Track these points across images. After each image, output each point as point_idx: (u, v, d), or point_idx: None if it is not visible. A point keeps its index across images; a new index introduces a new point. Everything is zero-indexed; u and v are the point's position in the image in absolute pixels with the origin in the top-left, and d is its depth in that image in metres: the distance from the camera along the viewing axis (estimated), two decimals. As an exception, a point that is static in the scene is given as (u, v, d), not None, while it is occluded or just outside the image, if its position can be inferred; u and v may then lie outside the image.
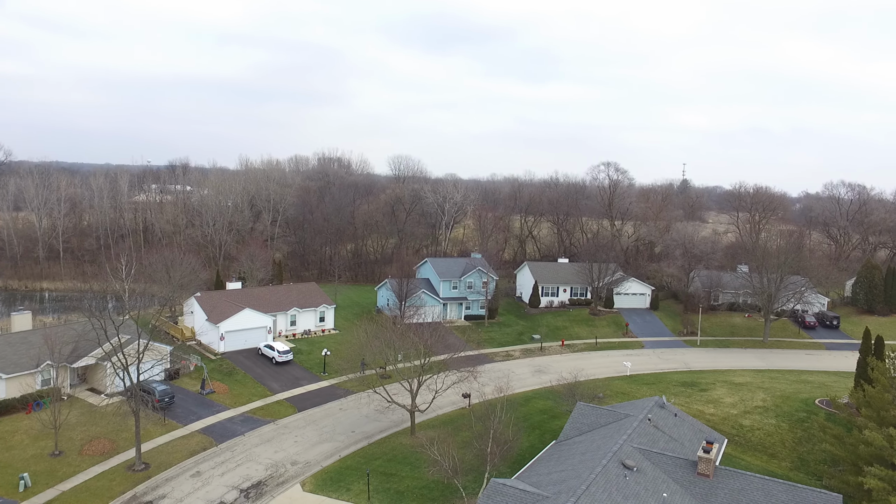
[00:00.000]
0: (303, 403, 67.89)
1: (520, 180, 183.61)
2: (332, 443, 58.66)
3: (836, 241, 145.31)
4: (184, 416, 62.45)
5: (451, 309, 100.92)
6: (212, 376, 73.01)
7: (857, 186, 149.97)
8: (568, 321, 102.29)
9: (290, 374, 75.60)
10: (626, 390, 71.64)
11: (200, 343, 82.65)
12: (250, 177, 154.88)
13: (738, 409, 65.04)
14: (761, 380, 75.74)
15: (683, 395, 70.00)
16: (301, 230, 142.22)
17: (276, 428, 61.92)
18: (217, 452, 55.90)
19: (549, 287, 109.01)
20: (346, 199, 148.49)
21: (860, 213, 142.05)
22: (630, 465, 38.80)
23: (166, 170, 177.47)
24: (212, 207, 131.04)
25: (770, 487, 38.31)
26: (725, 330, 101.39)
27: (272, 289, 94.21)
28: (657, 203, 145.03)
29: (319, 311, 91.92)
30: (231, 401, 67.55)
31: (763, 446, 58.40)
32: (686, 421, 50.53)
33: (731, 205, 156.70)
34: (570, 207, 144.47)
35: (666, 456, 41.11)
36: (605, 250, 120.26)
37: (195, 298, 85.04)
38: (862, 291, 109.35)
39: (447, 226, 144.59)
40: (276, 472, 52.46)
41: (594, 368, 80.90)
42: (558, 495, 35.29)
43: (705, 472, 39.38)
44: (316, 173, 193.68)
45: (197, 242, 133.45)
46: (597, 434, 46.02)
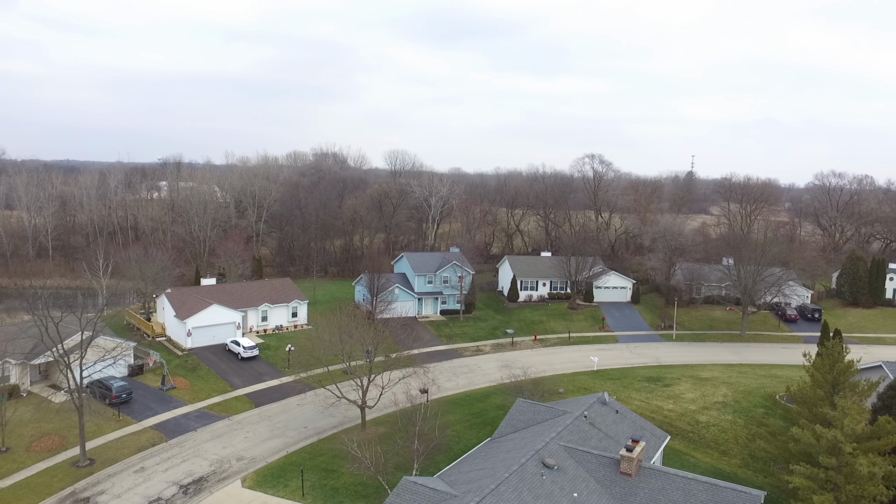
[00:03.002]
0: (261, 399, 68.00)
1: (504, 174, 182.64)
2: (282, 439, 58.68)
3: (827, 232, 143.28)
4: (140, 412, 62.74)
5: (427, 304, 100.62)
6: (176, 372, 73.33)
7: (847, 176, 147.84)
8: (545, 315, 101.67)
9: (254, 369, 75.73)
10: (589, 386, 71.05)
11: (170, 339, 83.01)
12: (234, 172, 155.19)
13: (698, 405, 64.28)
14: (728, 374, 74.86)
15: (646, 390, 69.32)
16: (289, 225, 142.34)
17: (230, 424, 62.05)
18: (166, 448, 56.10)
19: (528, 281, 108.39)
20: (333, 195, 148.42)
21: (850, 204, 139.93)
22: (550, 464, 38.35)
23: (159, 167, 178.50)
24: (195, 204, 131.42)
25: (691, 487, 37.69)
26: (704, 323, 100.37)
27: (245, 284, 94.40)
28: (646, 195, 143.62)
29: (292, 307, 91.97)
30: (190, 396, 67.79)
31: (716, 443, 57.66)
32: (627, 418, 49.90)
33: (722, 196, 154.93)
34: (556, 200, 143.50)
35: (592, 454, 40.55)
36: (589, 243, 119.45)
37: (165, 295, 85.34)
38: (846, 284, 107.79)
39: (433, 220, 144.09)
40: (219, 468, 52.53)
41: (562, 363, 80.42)
42: (466, 494, 34.93)
43: (627, 471, 38.81)
44: (310, 169, 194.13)
45: (182, 239, 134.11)
46: (529, 431, 45.58)
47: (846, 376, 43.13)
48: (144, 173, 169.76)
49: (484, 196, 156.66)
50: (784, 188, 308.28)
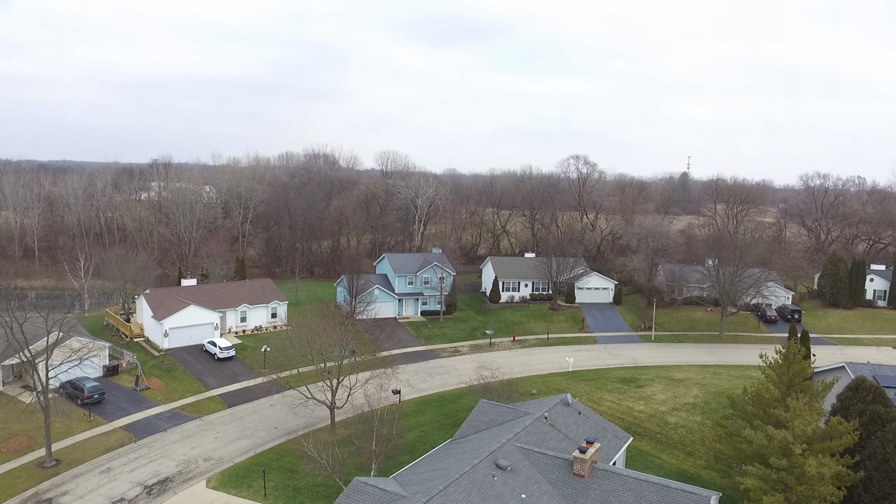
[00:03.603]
0: (234, 399, 68.14)
1: (497, 174, 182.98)
2: (252, 439, 58.84)
3: (813, 233, 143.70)
4: (111, 413, 62.86)
5: (407, 304, 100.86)
6: (151, 372, 73.48)
7: (832, 177, 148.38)
8: (526, 316, 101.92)
9: (229, 370, 75.87)
10: (563, 387, 71.19)
11: (148, 340, 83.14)
12: (223, 173, 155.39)
13: (668, 406, 64.55)
14: (702, 375, 75.15)
15: (618, 391, 69.58)
16: (277, 226, 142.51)
17: (201, 424, 62.19)
18: (134, 448, 56.22)
19: (510, 282, 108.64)
20: (320, 195, 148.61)
21: (835, 205, 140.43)
22: (503, 465, 38.58)
23: (147, 167, 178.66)
24: (182, 204, 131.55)
25: (642, 488, 37.92)
26: (684, 324, 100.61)
27: (225, 285, 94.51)
28: (632, 196, 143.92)
29: (271, 308, 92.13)
30: (164, 397, 67.94)
31: (683, 444, 57.90)
32: (590, 419, 50.14)
33: (709, 197, 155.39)
34: (542, 201, 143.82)
35: (547, 455, 40.79)
36: (574, 244, 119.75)
37: (143, 296, 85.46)
38: (827, 285, 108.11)
39: (420, 220, 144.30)
40: (185, 469, 52.66)
41: (538, 364, 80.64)
42: (415, 495, 35.13)
43: (580, 472, 39.04)
44: (300, 169, 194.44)
45: (168, 240, 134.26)
46: (489, 433, 45.80)
47: (801, 377, 43.35)
48: (132, 174, 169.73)
49: (470, 197, 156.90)
50: (779, 189, 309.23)
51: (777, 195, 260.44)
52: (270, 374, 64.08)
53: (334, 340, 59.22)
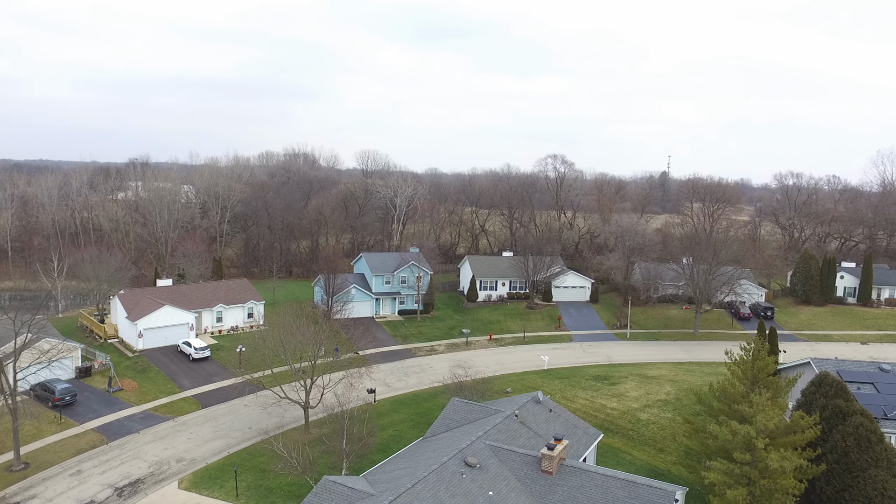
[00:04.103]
0: (209, 400, 67.93)
1: (478, 174, 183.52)
2: (225, 439, 58.74)
3: (786, 232, 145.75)
4: (83, 415, 62.37)
5: (384, 304, 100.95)
6: (125, 374, 72.98)
7: (804, 176, 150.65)
8: (503, 315, 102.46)
9: (204, 370, 75.53)
10: (538, 385, 71.75)
11: (122, 341, 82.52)
12: (201, 173, 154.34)
13: (640, 403, 65.36)
14: (675, 373, 76.11)
15: (592, 388, 70.31)
16: (255, 226, 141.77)
17: (175, 425, 61.94)
18: (106, 450, 55.89)
19: (488, 281, 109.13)
20: (299, 195, 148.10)
21: (808, 204, 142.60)
22: (472, 463, 38.91)
23: (124, 167, 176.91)
24: (159, 204, 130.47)
25: (609, 484, 38.47)
26: (660, 322, 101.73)
27: (201, 285, 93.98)
28: (609, 195, 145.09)
29: (248, 307, 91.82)
30: (137, 398, 67.52)
31: (654, 440, 58.71)
32: (561, 416, 50.64)
33: (686, 196, 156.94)
34: (521, 200, 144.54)
35: (516, 453, 41.19)
36: (551, 243, 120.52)
37: (117, 296, 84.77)
38: (800, 282, 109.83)
39: (399, 220, 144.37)
40: (157, 470, 52.47)
41: (514, 363, 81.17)
42: (382, 493, 35.37)
43: (548, 469, 39.50)
44: (279, 169, 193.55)
45: (144, 240, 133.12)
46: (459, 431, 46.13)
47: (765, 373, 44.16)
48: (108, 174, 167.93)
49: (450, 196, 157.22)
50: (756, 188, 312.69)
51: (754, 194, 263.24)
52: (245, 375, 63.78)
53: (308, 340, 59.20)
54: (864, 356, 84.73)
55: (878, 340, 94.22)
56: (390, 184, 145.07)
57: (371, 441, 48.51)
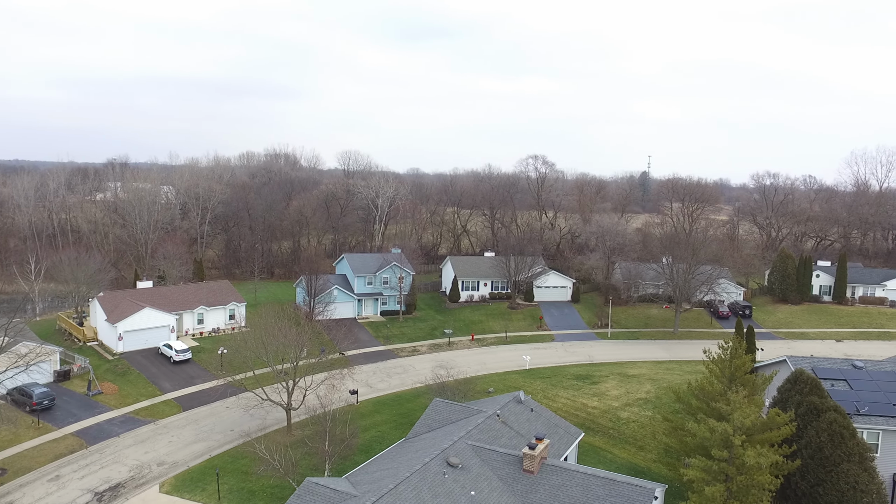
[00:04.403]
0: (190, 402, 67.56)
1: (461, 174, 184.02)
2: (207, 442, 58.48)
3: (764, 231, 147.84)
4: (62, 419, 61.74)
5: (367, 304, 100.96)
6: (105, 377, 72.34)
7: (781, 177, 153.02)
8: (485, 315, 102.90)
9: (186, 373, 75.11)
10: (520, 385, 72.26)
11: (102, 344, 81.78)
12: (181, 173, 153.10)
13: (621, 402, 66.07)
14: (655, 371, 76.98)
15: (573, 387, 70.92)
16: (237, 227, 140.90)
17: (156, 428, 61.55)
18: (85, 455, 55.38)
19: (470, 281, 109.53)
20: (280, 196, 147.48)
21: (784, 204, 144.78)
22: (454, 463, 39.20)
23: (102, 167, 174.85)
24: (138, 205, 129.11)
25: (589, 482, 38.94)
26: (640, 321, 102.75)
27: (181, 287, 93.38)
28: (590, 195, 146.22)
29: (229, 309, 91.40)
30: (117, 401, 66.96)
31: (634, 438, 59.38)
32: (542, 416, 51.10)
33: (665, 196, 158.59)
34: (502, 200, 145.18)
35: (498, 452, 41.54)
36: (532, 243, 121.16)
37: (97, 299, 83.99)
38: (777, 281, 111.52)
39: (381, 220, 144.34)
40: (138, 474, 52.13)
41: (496, 363, 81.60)
42: (365, 494, 35.54)
43: (530, 468, 39.90)
44: (260, 169, 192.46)
45: (124, 241, 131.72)
46: (441, 431, 46.40)
47: (742, 371, 44.94)
48: (87, 174, 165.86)
49: (431, 196, 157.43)
50: (735, 188, 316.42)
51: (733, 193, 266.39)
52: (227, 377, 63.56)
53: (291, 341, 59.14)
54: (839, 353, 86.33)
55: (853, 338, 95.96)
56: (372, 184, 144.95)
57: (353, 442, 48.65)
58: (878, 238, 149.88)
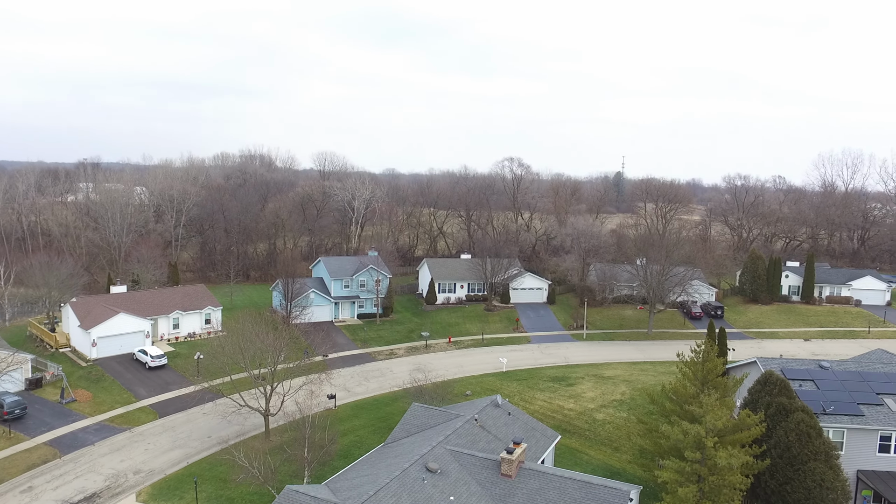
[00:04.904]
0: (166, 409, 67.12)
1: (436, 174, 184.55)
2: (184, 449, 58.20)
3: (735, 232, 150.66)
4: (34, 428, 60.96)
5: (344, 307, 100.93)
6: (78, 384, 71.49)
7: (751, 178, 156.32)
8: (461, 317, 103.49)
9: (161, 378, 74.53)
10: (497, 387, 72.90)
11: (75, 350, 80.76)
12: (155, 174, 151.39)
13: (596, 404, 67.05)
14: (630, 372, 78.15)
15: (550, 390, 71.75)
16: (211, 229, 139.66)
17: (131, 436, 61.08)
18: (59, 465, 54.80)
19: (446, 283, 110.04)
20: (255, 198, 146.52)
21: (755, 205, 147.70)
22: (433, 469, 39.65)
23: (74, 168, 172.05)
24: (111, 208, 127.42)
25: (566, 486, 39.66)
26: (615, 322, 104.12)
27: (156, 292, 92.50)
28: (565, 197, 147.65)
29: (205, 314, 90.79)
30: (91, 409, 66.28)
31: (610, 440, 60.35)
32: (519, 419, 51.75)
33: (639, 197, 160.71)
34: (478, 202, 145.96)
35: (476, 457, 42.09)
36: (508, 245, 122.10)
37: (69, 304, 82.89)
38: (747, 281, 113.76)
39: (357, 222, 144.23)
40: (114, 483, 51.76)
41: (473, 365, 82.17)
42: (346, 501, 35.82)
43: (508, 472, 40.51)
44: (235, 171, 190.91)
45: (97, 245, 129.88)
46: (420, 436, 46.79)
47: (714, 374, 46.03)
48: (57, 175, 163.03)
49: (408, 198, 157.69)
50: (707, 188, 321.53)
51: (705, 194, 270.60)
52: (203, 383, 63.25)
53: (268, 346, 59.07)
54: (807, 352, 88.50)
55: (820, 337, 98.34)
56: (348, 186, 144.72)
57: (332, 448, 48.84)
58: (843, 238, 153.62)
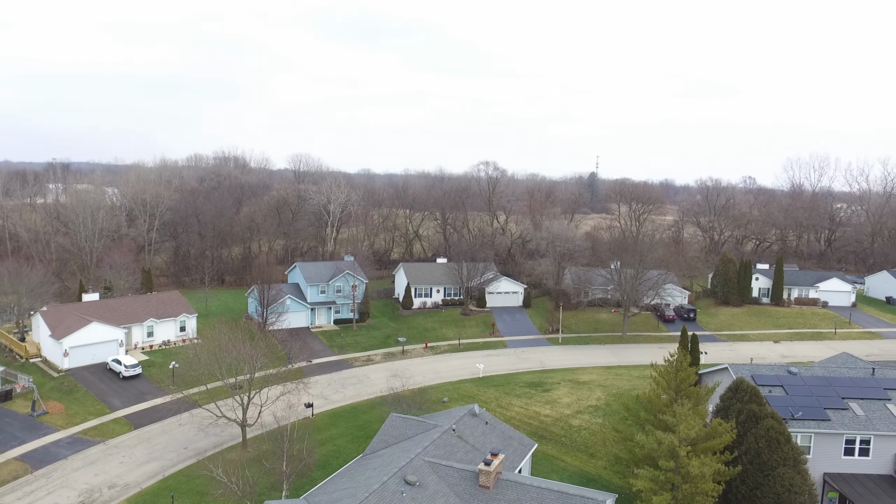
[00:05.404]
0: (141, 420, 66.46)
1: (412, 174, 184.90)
2: (160, 462, 57.74)
3: (707, 234, 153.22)
4: (4, 442, 59.92)
5: (320, 313, 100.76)
6: (50, 395, 70.44)
7: (722, 181, 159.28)
8: (438, 322, 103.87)
9: (136, 388, 73.77)
10: (473, 393, 73.48)
11: (46, 360, 79.54)
12: (122, 175, 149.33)
13: (572, 410, 67.86)
14: (605, 377, 79.18)
15: (526, 395, 72.43)
16: (186, 234, 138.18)
17: (105, 448, 60.39)
18: (30, 480, 53.97)
19: (423, 288, 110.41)
20: (230, 201, 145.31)
21: (727, 207, 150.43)
22: (412, 481, 39.95)
23: (42, 170, 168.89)
24: (82, 212, 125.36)
25: (543, 496, 40.19)
26: (590, 326, 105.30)
27: (130, 299, 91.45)
28: (540, 200, 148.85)
29: (180, 321, 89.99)
30: (64, 421, 65.36)
31: (585, 446, 61.16)
32: (497, 429, 52.28)
33: (613, 199, 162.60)
34: (454, 205, 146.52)
35: (454, 469, 42.48)
36: (484, 249, 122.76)
37: (40, 313, 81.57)
38: (719, 284, 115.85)
39: (332, 225, 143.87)
40: (88, 499, 51.19)
41: (450, 371, 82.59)
42: (324, 517, 36.05)
43: (486, 484, 40.95)
44: (209, 173, 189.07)
45: (67, 250, 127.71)
46: (398, 447, 47.07)
47: (687, 383, 47.02)
48: (25, 178, 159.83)
49: (384, 201, 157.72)
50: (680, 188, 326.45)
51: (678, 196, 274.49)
52: (179, 392, 62.78)
53: (245, 356, 58.85)
54: (777, 355, 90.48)
55: (789, 339, 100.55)
56: (324, 189, 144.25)
57: (311, 461, 48.87)
58: (811, 240, 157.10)
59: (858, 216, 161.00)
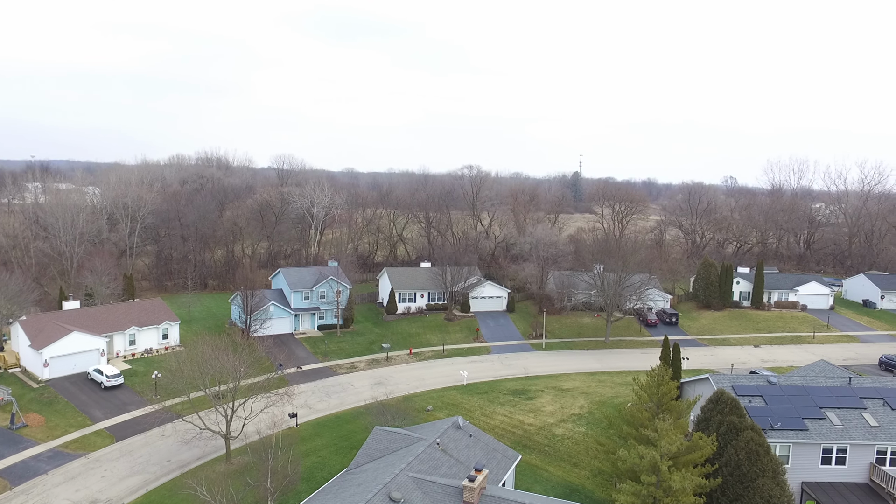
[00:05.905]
0: (124, 432, 65.96)
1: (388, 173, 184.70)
2: (143, 475, 57.36)
3: (689, 236, 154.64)
4: (-18, 457, 59.34)
5: (304, 319, 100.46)
6: (30, 407, 69.68)
7: (700, 184, 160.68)
8: (422, 327, 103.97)
9: (118, 399, 73.17)
10: (458, 401, 73.72)
11: (25, 370, 78.66)
12: (103, 175, 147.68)
13: (556, 418, 68.33)
14: (588, 384, 79.76)
15: (510, 404, 72.78)
16: (167, 237, 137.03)
17: (87, 462, 59.87)
18: (9, 497, 53.33)
19: (407, 293, 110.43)
20: (213, 204, 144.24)
21: (708, 210, 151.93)
22: (396, 498, 40.07)
23: (21, 171, 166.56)
24: (61, 217, 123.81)
25: (525, 511, 40.63)
26: (573, 331, 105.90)
27: (111, 307, 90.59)
28: (523, 202, 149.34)
29: (162, 329, 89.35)
30: (44, 434, 64.70)
31: (569, 455, 61.60)
32: (481, 441, 52.55)
33: (596, 201, 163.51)
34: (438, 207, 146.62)
35: (438, 484, 42.62)
36: (468, 253, 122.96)
37: (19, 323, 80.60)
38: (701, 288, 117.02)
39: (316, 228, 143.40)
40: (69, 515, 50.83)
41: (434, 378, 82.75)
42: (309, 538, 36.10)
43: (470, 500, 41.12)
44: (191, 175, 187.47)
45: (47, 255, 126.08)
46: (383, 461, 47.20)
47: (668, 398, 47.59)
48: (3, 181, 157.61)
49: (368, 204, 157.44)
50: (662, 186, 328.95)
51: (661, 193, 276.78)
52: (161, 403, 62.40)
53: (228, 367, 58.64)
54: (757, 359, 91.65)
55: (769, 343, 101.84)
56: (307, 192, 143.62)
57: (296, 475, 48.86)
58: (791, 242, 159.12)
59: (837, 216, 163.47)
